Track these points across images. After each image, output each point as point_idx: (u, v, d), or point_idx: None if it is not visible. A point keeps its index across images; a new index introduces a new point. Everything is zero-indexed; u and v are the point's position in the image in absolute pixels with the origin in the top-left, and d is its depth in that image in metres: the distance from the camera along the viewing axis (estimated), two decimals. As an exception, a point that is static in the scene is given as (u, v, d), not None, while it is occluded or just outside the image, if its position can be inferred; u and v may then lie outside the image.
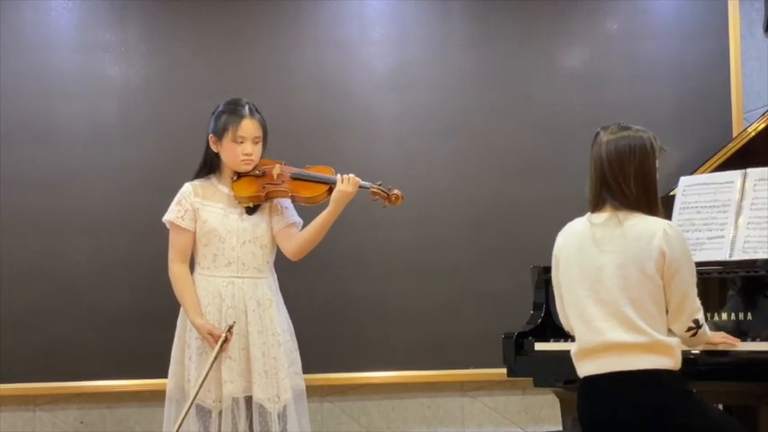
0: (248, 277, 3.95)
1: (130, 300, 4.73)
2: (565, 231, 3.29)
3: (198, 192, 4.02)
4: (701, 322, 3.14)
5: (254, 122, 3.97)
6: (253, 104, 4.03)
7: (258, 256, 3.97)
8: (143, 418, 4.80)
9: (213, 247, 3.96)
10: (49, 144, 4.78)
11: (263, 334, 3.92)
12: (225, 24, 4.84)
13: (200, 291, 3.97)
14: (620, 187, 3.14)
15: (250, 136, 3.96)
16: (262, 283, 3.97)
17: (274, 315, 3.95)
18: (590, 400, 3.18)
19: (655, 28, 4.90)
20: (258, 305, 3.93)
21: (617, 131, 3.21)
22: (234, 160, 3.97)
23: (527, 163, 4.85)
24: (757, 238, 3.64)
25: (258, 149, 3.99)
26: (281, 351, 3.92)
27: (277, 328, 3.93)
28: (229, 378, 3.87)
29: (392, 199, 3.94)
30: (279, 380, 3.90)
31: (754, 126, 4.21)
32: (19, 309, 4.72)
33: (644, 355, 3.06)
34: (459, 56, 4.89)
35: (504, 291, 4.69)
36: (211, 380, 3.86)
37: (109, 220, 4.75)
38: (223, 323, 3.89)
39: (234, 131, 3.94)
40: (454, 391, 4.90)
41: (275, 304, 3.97)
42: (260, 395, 3.87)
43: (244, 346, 3.90)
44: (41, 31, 4.81)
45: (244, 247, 3.95)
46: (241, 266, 3.95)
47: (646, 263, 3.08)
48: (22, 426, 4.80)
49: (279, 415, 3.88)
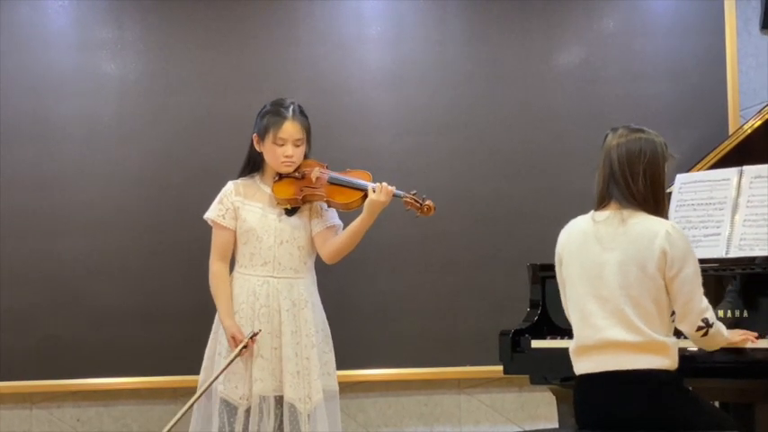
0: (284, 277, 3.96)
1: (127, 298, 4.73)
2: (567, 228, 3.29)
3: (239, 190, 4.04)
4: (711, 321, 3.12)
5: (295, 125, 3.97)
6: (298, 106, 4.03)
7: (295, 257, 3.98)
8: (140, 416, 4.80)
9: (251, 246, 3.98)
10: (46, 142, 4.78)
11: (297, 334, 3.93)
12: (221, 22, 4.84)
13: (236, 289, 3.99)
14: (628, 184, 3.14)
15: (291, 138, 3.96)
16: (298, 283, 3.98)
17: (309, 316, 3.96)
18: (586, 398, 3.18)
19: (651, 26, 4.91)
20: (293, 305, 3.95)
21: (629, 133, 3.20)
22: (275, 161, 3.99)
23: (524, 160, 4.85)
24: (753, 236, 3.64)
25: (299, 152, 4.00)
26: (314, 352, 3.93)
27: (311, 329, 3.95)
28: (260, 377, 3.90)
29: (424, 210, 3.93)
30: (311, 380, 3.91)
31: (750, 123, 4.21)
32: (15, 307, 4.71)
33: (641, 354, 3.07)
34: (455, 54, 4.89)
35: (501, 288, 4.70)
36: (240, 377, 3.89)
37: (106, 218, 4.74)
38: (256, 322, 3.91)
39: (275, 133, 3.95)
40: (451, 389, 4.90)
41: (311, 305, 3.98)
42: (291, 395, 3.88)
43: (276, 345, 3.92)
44: (38, 29, 4.81)
45: (281, 248, 3.96)
46: (277, 266, 3.96)
47: (647, 262, 3.07)
48: (19, 424, 4.80)
49: (309, 415, 3.89)
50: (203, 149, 4.77)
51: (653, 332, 3.07)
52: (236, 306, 3.97)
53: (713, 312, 3.15)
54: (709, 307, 3.13)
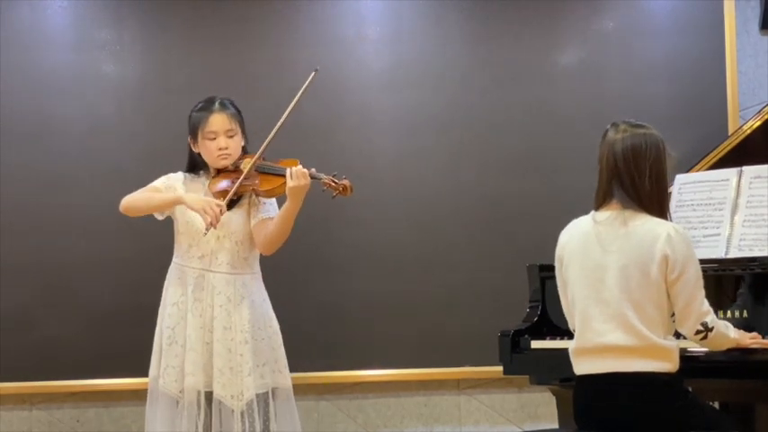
0: (220, 272, 3.87)
1: (127, 299, 4.73)
2: (568, 229, 3.26)
3: (186, 182, 3.97)
4: (711, 325, 3.09)
5: (223, 116, 3.90)
6: (226, 99, 3.96)
7: (233, 252, 3.89)
8: (139, 416, 4.76)
9: (189, 237, 3.90)
10: (45, 142, 4.79)
11: (230, 330, 3.84)
12: (220, 22, 4.84)
13: (171, 280, 3.93)
14: (633, 182, 3.11)
15: (221, 130, 3.89)
16: (234, 279, 3.89)
17: (244, 312, 3.85)
18: (586, 399, 3.18)
19: (651, 26, 4.91)
20: (228, 301, 3.86)
21: (631, 128, 3.17)
22: (211, 157, 3.91)
23: (523, 160, 4.85)
24: (753, 236, 3.64)
25: (234, 143, 3.91)
26: (248, 348, 3.82)
27: (246, 325, 3.84)
28: (191, 371, 3.81)
29: (340, 189, 3.79)
30: (243, 377, 3.81)
31: (749, 124, 4.20)
32: (15, 307, 4.72)
33: (642, 358, 3.05)
34: (455, 54, 4.89)
35: (501, 288, 4.70)
36: (179, 371, 3.81)
37: (105, 219, 4.74)
38: (189, 314, 3.84)
39: (203, 128, 3.89)
40: (451, 389, 4.90)
41: (248, 302, 3.88)
42: (220, 391, 3.80)
43: (209, 340, 3.84)
44: (37, 29, 4.81)
45: (219, 242, 3.88)
46: (214, 260, 3.88)
47: (648, 266, 3.05)
48: (19, 425, 4.80)
49: (242, 413, 3.80)
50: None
51: (654, 336, 3.05)
52: (170, 297, 3.90)
53: (714, 316, 3.13)
54: (709, 311, 3.11)
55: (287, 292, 4.17)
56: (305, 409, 4.60)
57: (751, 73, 4.90)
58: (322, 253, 4.74)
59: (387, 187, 4.80)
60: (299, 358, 4.10)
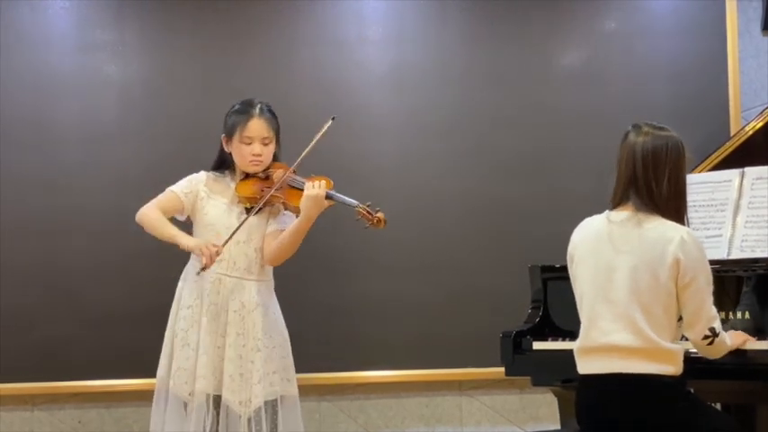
0: (236, 277, 3.89)
1: (129, 299, 4.73)
2: (581, 228, 3.26)
3: (209, 183, 3.99)
4: (718, 330, 3.09)
5: (261, 122, 3.92)
6: (266, 105, 3.97)
7: (251, 258, 3.91)
8: (141, 417, 4.79)
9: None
10: (47, 143, 4.79)
11: (243, 336, 3.85)
12: (222, 23, 4.84)
13: (187, 281, 3.93)
14: (650, 189, 3.10)
15: (258, 136, 3.91)
16: (250, 285, 3.91)
17: (258, 319, 3.87)
18: (589, 399, 3.18)
19: (652, 27, 4.91)
20: (242, 307, 3.88)
21: (653, 130, 3.16)
22: (242, 161, 3.93)
23: (525, 162, 4.85)
24: (755, 237, 3.64)
25: (268, 151, 3.94)
26: (260, 356, 3.84)
27: (259, 332, 3.86)
28: (202, 374, 3.82)
29: (374, 221, 3.85)
30: (252, 384, 3.83)
31: (751, 124, 4.21)
32: (17, 308, 4.72)
33: (646, 360, 3.05)
34: (456, 55, 4.89)
35: (502, 289, 4.69)
36: (189, 373, 3.82)
37: (107, 219, 4.74)
38: (203, 318, 3.84)
39: (241, 131, 3.90)
40: (452, 390, 4.90)
41: (262, 308, 3.90)
42: (228, 397, 3.81)
43: (220, 345, 3.85)
44: (39, 30, 4.81)
45: (237, 247, 3.89)
46: (231, 265, 3.89)
47: (659, 269, 3.05)
48: (20, 425, 4.80)
49: (249, 419, 3.81)
50: (204, 151, 4.74)
51: (660, 339, 3.05)
52: (185, 300, 3.90)
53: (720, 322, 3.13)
54: (717, 316, 3.11)
55: (288, 294, 4.17)
56: (307, 409, 4.59)
57: (753, 74, 4.90)
58: (324, 255, 4.73)
59: (388, 189, 4.79)
60: (300, 359, 4.09)
